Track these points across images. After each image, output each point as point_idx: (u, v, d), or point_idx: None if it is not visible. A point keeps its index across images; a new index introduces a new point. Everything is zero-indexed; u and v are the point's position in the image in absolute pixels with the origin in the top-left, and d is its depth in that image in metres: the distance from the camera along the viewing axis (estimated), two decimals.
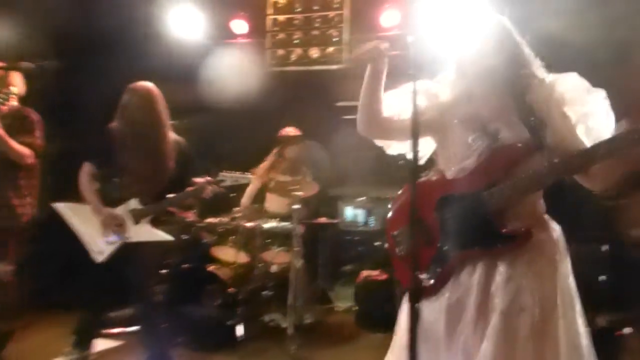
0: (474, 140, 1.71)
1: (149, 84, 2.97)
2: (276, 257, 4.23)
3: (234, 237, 4.23)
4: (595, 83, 1.67)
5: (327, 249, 5.31)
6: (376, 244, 5.13)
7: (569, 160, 1.58)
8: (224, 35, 5.83)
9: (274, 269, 4.35)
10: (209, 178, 2.86)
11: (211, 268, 3.89)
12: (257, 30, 5.69)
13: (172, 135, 3.04)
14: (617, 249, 3.44)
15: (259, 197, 4.67)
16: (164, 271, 4.19)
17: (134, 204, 2.91)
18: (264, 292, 4.25)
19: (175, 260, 4.21)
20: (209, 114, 6.08)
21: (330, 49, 5.34)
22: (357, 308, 4.56)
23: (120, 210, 2.91)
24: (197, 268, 3.93)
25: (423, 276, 1.65)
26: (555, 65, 1.79)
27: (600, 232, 3.56)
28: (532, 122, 1.62)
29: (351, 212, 5.81)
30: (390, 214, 1.91)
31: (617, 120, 1.65)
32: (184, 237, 4.44)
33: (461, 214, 1.67)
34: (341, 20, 5.30)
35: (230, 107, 5.92)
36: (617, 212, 3.56)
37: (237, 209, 4.21)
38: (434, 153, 1.96)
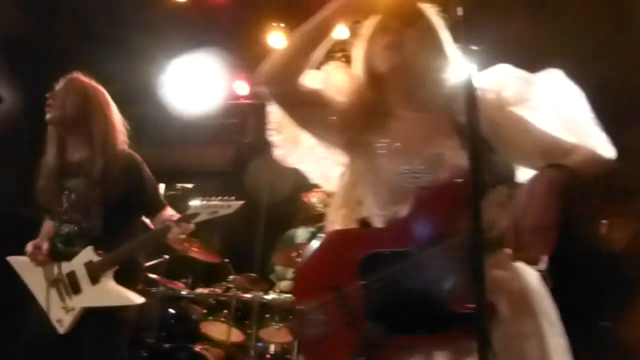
0: (408, 173, 1.20)
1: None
2: (276, 335, 3.61)
3: (226, 311, 3.65)
4: None
5: None
6: None
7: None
8: (226, 96, 5.61)
9: (273, 349, 3.74)
10: (176, 215, 2.07)
11: (198, 348, 3.27)
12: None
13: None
14: None
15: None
16: (143, 353, 3.60)
17: (88, 254, 2.08)
18: None
19: (155, 338, 3.60)
20: (209, 177, 5.76)
21: None
22: None
23: (72, 265, 2.11)
24: (182, 348, 3.30)
25: None
26: None
27: None
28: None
29: None
30: (296, 281, 1.42)
31: None
32: (171, 310, 3.87)
33: (396, 281, 1.13)
34: None
35: (232, 170, 5.62)
36: None
37: (232, 277, 3.66)
38: (350, 185, 1.39)
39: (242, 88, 5.54)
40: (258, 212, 5.25)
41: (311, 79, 1.34)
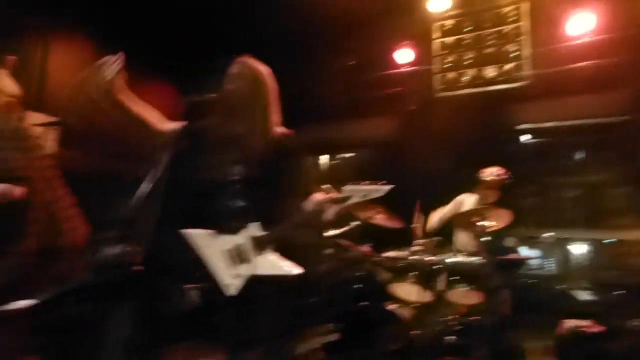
0: None
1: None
2: (463, 298, 3.70)
3: (414, 273, 3.83)
4: None
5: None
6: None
7: None
8: (388, 66, 5.70)
9: (459, 311, 3.84)
10: (331, 195, 2.20)
11: (391, 307, 3.50)
12: (424, 57, 5.44)
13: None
14: None
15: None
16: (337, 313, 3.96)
17: (254, 229, 2.34)
18: (448, 338, 3.74)
19: (348, 299, 3.94)
20: (376, 147, 5.94)
21: (509, 67, 4.82)
22: None
23: (240, 238, 2.37)
24: (375, 307, 3.56)
25: None
26: None
27: None
28: None
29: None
30: None
31: None
32: (359, 273, 4.18)
33: None
34: (519, 33, 4.78)
35: (399, 139, 5.72)
36: None
37: (418, 241, 3.81)
38: None
39: (404, 56, 5.57)
40: (428, 178, 5.32)
41: None
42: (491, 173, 4.16)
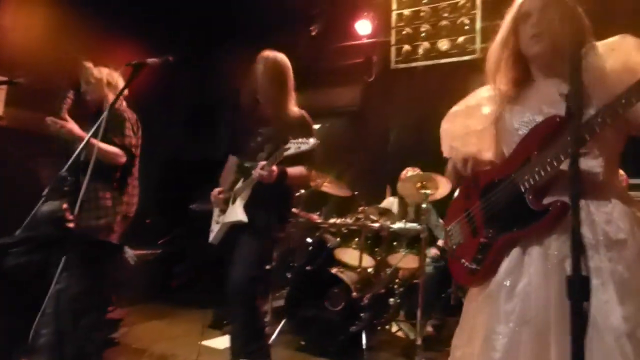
0: (520, 125, 1.59)
1: (277, 54, 2.78)
2: (403, 261, 3.91)
3: (357, 239, 4.02)
4: None
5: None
6: None
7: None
8: (347, 38, 5.76)
9: (401, 274, 4.07)
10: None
11: (335, 271, 3.69)
12: (383, 29, 5.51)
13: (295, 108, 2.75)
14: None
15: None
16: (288, 274, 4.16)
17: (241, 183, 2.68)
18: (391, 299, 3.97)
19: (299, 263, 4.13)
20: (338, 116, 6.04)
21: (461, 39, 4.93)
22: None
23: (232, 192, 2.73)
24: (321, 271, 3.75)
25: (470, 265, 1.61)
26: None
27: None
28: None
29: None
30: (447, 210, 1.87)
31: None
32: (309, 240, 4.36)
33: (498, 198, 1.58)
34: (473, 6, 4.88)
35: (357, 109, 5.83)
36: None
37: (362, 208, 3.99)
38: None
39: (364, 27, 5.63)
40: (384, 148, 5.48)
41: None
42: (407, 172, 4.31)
